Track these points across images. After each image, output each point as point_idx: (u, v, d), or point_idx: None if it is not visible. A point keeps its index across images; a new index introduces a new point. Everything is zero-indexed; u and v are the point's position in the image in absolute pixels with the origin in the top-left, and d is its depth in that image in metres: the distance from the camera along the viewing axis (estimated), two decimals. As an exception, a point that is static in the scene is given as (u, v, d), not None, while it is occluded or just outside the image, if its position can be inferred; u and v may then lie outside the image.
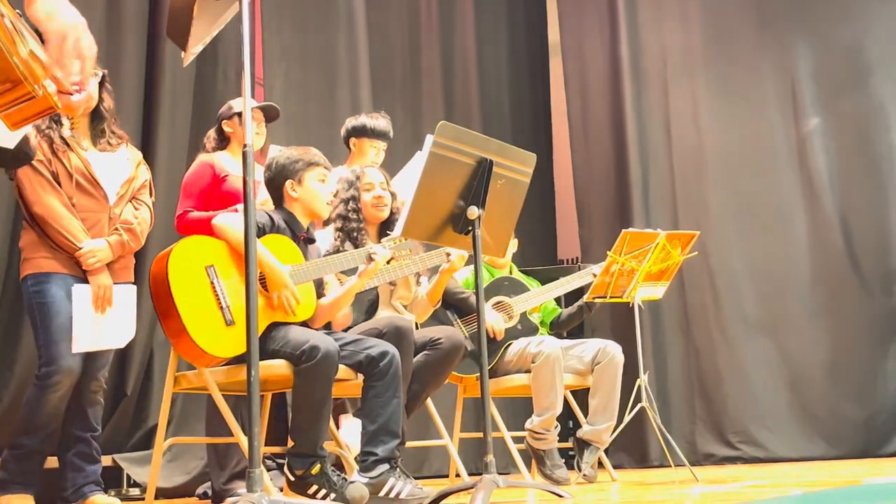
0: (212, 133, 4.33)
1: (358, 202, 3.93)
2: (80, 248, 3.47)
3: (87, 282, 3.50)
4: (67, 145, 3.55)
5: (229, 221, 3.25)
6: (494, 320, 4.48)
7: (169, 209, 4.43)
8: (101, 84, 3.64)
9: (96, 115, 3.65)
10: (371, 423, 3.26)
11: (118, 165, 3.68)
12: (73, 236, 3.47)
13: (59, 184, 3.50)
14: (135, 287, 3.68)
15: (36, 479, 3.46)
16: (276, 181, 3.47)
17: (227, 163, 4.20)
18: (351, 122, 4.76)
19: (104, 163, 3.63)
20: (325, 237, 3.87)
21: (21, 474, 3.40)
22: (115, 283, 3.54)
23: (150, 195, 3.82)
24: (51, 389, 3.38)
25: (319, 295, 3.44)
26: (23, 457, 3.41)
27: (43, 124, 3.49)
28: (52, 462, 3.54)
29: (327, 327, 3.57)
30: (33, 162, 3.46)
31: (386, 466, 3.21)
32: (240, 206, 3.96)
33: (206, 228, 3.90)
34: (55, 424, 3.45)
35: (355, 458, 3.44)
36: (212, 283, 3.12)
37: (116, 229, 3.61)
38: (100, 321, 3.49)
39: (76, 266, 3.49)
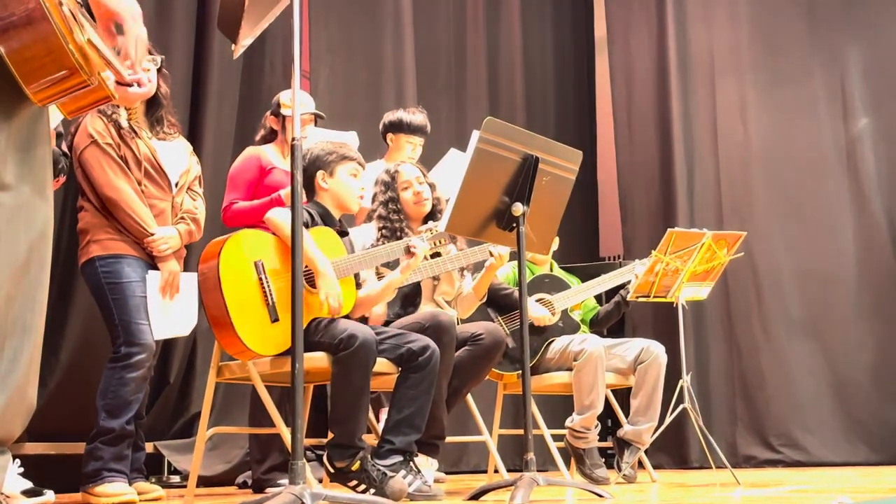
0: (265, 122, 4.33)
1: (398, 202, 3.92)
2: (152, 235, 3.51)
3: (155, 268, 3.54)
4: (134, 132, 3.58)
5: (284, 217, 3.21)
6: (541, 314, 4.46)
7: (214, 199, 4.45)
8: (159, 70, 3.65)
9: (153, 102, 3.67)
10: (397, 413, 3.27)
11: (177, 155, 3.72)
12: (145, 222, 3.51)
13: (129, 169, 3.54)
14: (195, 275, 3.72)
15: (128, 465, 3.44)
16: (308, 171, 3.49)
17: (273, 156, 4.22)
18: (388, 116, 4.77)
19: (166, 151, 3.67)
20: (367, 233, 3.88)
21: (115, 460, 3.36)
22: None
23: (200, 186, 3.85)
24: (132, 369, 3.40)
25: (357, 286, 3.45)
26: (112, 441, 3.37)
27: (108, 109, 3.52)
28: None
29: (362, 321, 3.57)
30: (102, 144, 3.50)
31: (400, 458, 3.22)
32: (283, 192, 3.98)
33: (251, 219, 3.94)
34: (137, 405, 3.46)
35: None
36: (259, 279, 3.13)
37: (183, 218, 3.66)
38: (169, 308, 3.53)
39: (143, 251, 3.54)
